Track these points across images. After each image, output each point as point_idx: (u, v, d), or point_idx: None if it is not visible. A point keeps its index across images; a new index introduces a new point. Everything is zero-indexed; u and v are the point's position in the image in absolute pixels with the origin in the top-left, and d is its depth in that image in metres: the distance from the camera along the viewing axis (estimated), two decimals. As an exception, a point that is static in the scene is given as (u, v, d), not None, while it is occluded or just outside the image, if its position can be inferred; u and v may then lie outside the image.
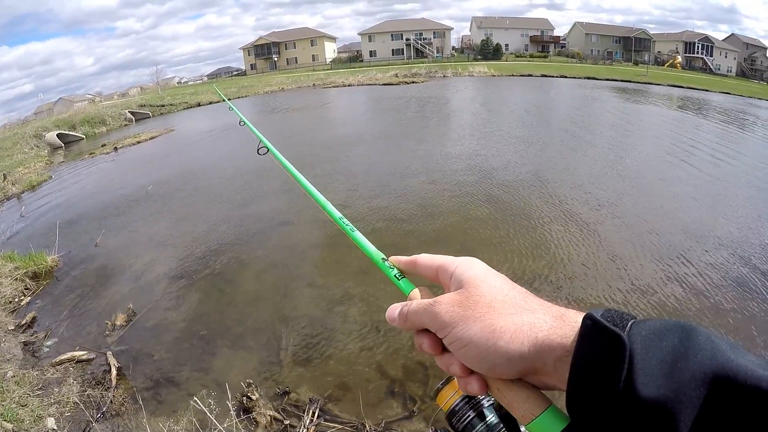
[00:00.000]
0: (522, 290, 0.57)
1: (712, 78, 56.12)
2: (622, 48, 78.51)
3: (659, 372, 0.40)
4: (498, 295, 0.55)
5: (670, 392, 0.39)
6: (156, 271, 6.39)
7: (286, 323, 4.95)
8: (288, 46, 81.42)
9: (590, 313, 0.47)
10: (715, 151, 12.30)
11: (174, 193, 10.15)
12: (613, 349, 0.42)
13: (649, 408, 0.39)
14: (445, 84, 34.56)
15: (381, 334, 4.64)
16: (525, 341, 0.50)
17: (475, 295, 0.55)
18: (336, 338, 4.65)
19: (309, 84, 40.33)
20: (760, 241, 6.59)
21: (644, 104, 23.94)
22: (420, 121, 17.70)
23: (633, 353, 0.41)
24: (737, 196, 8.56)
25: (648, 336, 0.43)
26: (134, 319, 5.19)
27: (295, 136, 15.82)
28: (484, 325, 0.52)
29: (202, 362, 4.46)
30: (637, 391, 0.40)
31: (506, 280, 0.58)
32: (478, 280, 0.57)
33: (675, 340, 0.42)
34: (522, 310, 0.53)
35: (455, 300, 0.56)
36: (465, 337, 0.53)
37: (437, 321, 0.56)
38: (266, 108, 26.49)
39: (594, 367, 0.43)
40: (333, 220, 0.89)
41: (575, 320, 0.50)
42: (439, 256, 0.66)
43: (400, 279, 0.70)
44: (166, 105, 31.91)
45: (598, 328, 0.45)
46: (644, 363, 0.41)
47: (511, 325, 0.51)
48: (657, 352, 0.41)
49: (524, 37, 79.87)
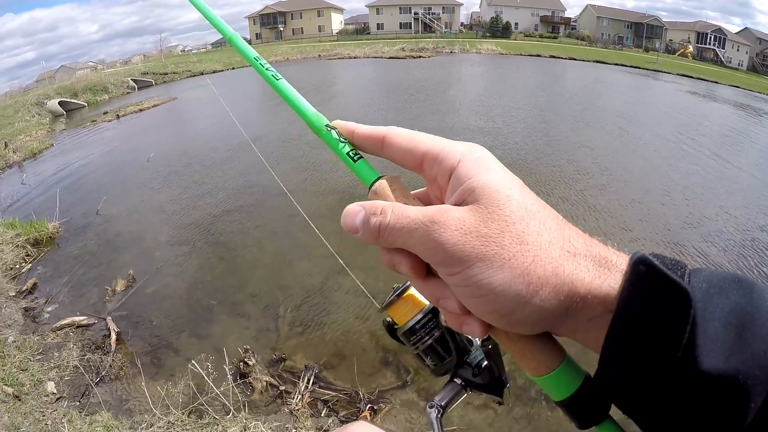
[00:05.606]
0: (554, 213, 0.42)
1: (722, 70, 55.29)
2: (633, 34, 77.07)
3: (725, 337, 0.33)
4: (531, 222, 0.39)
5: (740, 364, 0.32)
6: (157, 238, 6.43)
7: (284, 291, 5.00)
8: (294, 16, 79.71)
9: (643, 257, 0.37)
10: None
11: (175, 161, 10.12)
12: (674, 305, 0.34)
13: (715, 382, 0.32)
14: (452, 60, 34.08)
15: (377, 303, 4.68)
16: (564, 299, 0.38)
17: (500, 219, 0.39)
18: (333, 307, 4.71)
19: (314, 55, 39.74)
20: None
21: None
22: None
23: (695, 312, 0.34)
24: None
25: (708, 290, 0.35)
26: (135, 285, 5.24)
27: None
28: (515, 272, 0.37)
29: (200, 328, 4.52)
30: (701, 361, 0.32)
31: (531, 193, 0.42)
32: (500, 192, 0.40)
33: (737, 297, 0.35)
34: (563, 253, 0.39)
35: (471, 224, 0.39)
36: (485, 284, 0.38)
37: (440, 253, 0.39)
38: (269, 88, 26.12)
39: (646, 328, 0.35)
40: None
41: (622, 266, 0.38)
42: (423, 134, 0.46)
43: (356, 159, 0.48)
44: (169, 73, 31.47)
45: (655, 277, 0.35)
46: (708, 325, 0.33)
47: (551, 277, 0.38)
48: (720, 313, 0.34)
49: (534, 17, 78.25)
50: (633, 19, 78.67)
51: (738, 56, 75.15)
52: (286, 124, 11.90)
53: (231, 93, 20.49)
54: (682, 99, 21.29)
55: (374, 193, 0.46)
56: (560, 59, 40.01)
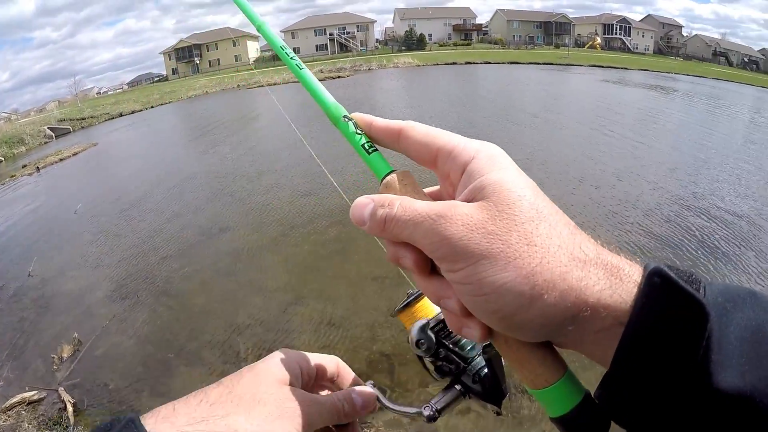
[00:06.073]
0: (566, 219, 0.41)
1: (631, 57, 59.37)
2: (543, 32, 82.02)
3: (741, 353, 0.33)
4: (541, 225, 0.38)
5: (757, 381, 0.32)
6: (97, 294, 6.14)
7: (240, 332, 4.90)
8: (210, 48, 79.46)
9: (659, 268, 0.36)
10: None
11: (104, 210, 9.70)
12: (690, 319, 0.33)
13: (730, 399, 0.32)
14: (371, 77, 34.58)
15: (339, 330, 4.69)
16: (572, 306, 0.36)
17: (509, 217, 0.38)
18: (294, 340, 4.66)
19: (234, 85, 39.55)
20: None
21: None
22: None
23: (711, 327, 0.33)
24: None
25: (724, 305, 0.35)
26: (82, 349, 4.99)
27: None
28: (520, 272, 0.36)
29: (160, 385, 4.36)
30: (716, 377, 0.32)
31: (545, 196, 0.41)
32: (511, 191, 0.39)
33: (752, 312, 0.34)
34: (573, 259, 0.37)
35: (478, 220, 0.38)
36: (488, 282, 0.37)
37: (444, 248, 0.39)
38: (193, 123, 25.61)
39: (660, 342, 0.34)
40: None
41: (635, 277, 0.37)
42: (440, 130, 0.46)
43: (371, 152, 0.49)
44: (86, 118, 30.33)
45: (670, 290, 0.35)
46: (723, 341, 0.33)
47: (558, 281, 0.36)
48: (735, 328, 0.34)
49: (447, 27, 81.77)
50: (542, 18, 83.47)
51: (644, 42, 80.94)
52: (216, 160, 11.80)
53: (155, 132, 20.02)
54: (598, 88, 22.60)
55: (385, 186, 0.46)
56: (476, 64, 41.54)
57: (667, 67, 41.37)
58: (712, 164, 9.80)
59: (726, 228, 6.54)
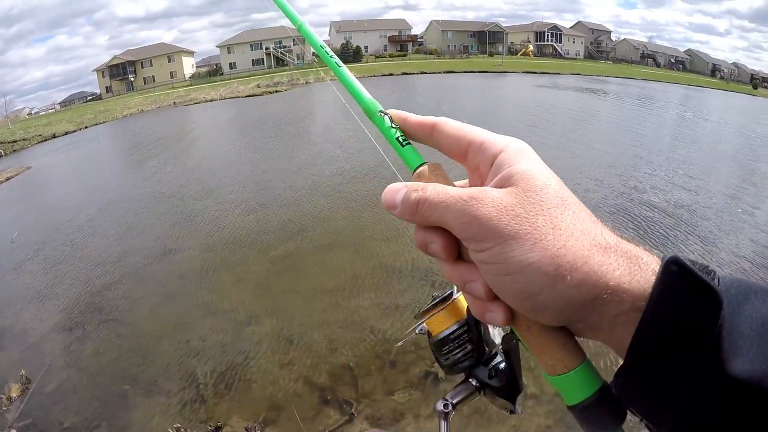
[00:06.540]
0: (588, 211, 0.43)
1: (562, 62, 61.56)
2: (477, 42, 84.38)
3: (752, 342, 0.34)
4: (566, 212, 0.41)
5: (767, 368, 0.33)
6: (41, 328, 5.84)
7: (196, 356, 4.80)
8: (144, 65, 77.11)
9: (676, 257, 0.38)
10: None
11: (43, 237, 9.21)
12: (705, 306, 0.35)
13: (742, 385, 0.33)
14: (309, 91, 34.62)
15: (297, 346, 4.68)
16: (592, 288, 0.38)
17: (536, 203, 0.41)
18: (252, 360, 4.60)
19: (169, 103, 38.62)
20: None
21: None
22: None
23: (724, 315, 0.35)
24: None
25: (737, 296, 0.37)
26: (31, 386, 4.77)
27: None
28: (546, 253, 0.39)
29: (118, 418, 4.20)
30: (728, 363, 0.34)
31: (568, 189, 0.44)
32: (538, 180, 0.42)
33: (763, 305, 0.36)
34: (595, 245, 0.40)
35: (507, 203, 0.41)
36: (515, 262, 0.39)
37: (475, 227, 0.41)
38: (130, 142, 24.86)
39: (677, 326, 0.36)
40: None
41: (653, 266, 0.39)
42: (470, 126, 0.49)
43: (404, 145, 0.52)
44: (18, 140, 29.01)
45: (687, 277, 0.37)
46: (736, 328, 0.35)
47: (581, 264, 0.38)
48: (748, 318, 0.35)
49: (383, 38, 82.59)
50: (475, 28, 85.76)
51: (575, 48, 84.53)
52: (158, 180, 11.59)
53: (91, 153, 19.41)
54: (532, 93, 23.17)
55: (417, 176, 0.49)
56: (412, 74, 41.98)
57: (597, 70, 43.44)
58: (647, 159, 10.60)
59: (669, 216, 7.22)
